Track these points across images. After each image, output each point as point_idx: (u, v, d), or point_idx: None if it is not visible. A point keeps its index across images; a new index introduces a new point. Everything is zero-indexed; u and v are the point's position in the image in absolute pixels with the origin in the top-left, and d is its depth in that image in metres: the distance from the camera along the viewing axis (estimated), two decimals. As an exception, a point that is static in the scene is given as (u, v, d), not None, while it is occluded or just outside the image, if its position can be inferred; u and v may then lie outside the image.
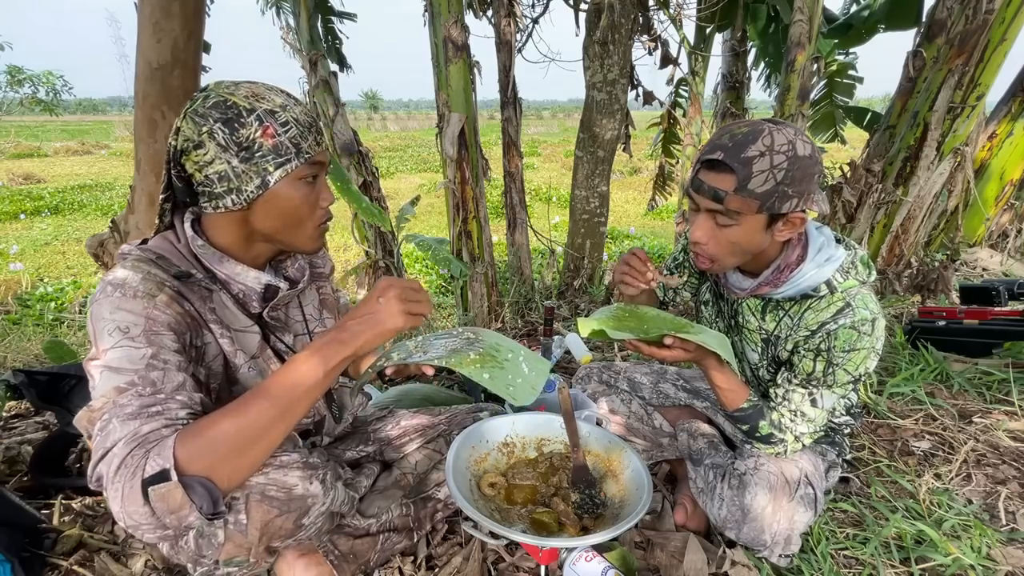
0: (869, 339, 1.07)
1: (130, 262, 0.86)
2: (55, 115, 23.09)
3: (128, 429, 0.69)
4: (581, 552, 1.09)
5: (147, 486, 0.64)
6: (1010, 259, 3.93)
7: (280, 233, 0.93)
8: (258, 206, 0.89)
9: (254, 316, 0.99)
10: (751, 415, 1.18)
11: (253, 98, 0.85)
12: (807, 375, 1.13)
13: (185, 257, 0.92)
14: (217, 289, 0.94)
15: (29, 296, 4.90)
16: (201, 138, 0.83)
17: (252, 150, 0.84)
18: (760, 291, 1.16)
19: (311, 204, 0.92)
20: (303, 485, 0.94)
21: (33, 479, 1.45)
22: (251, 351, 0.98)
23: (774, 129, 0.97)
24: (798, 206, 0.99)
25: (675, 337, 1.05)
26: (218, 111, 0.83)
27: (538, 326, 2.90)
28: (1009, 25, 2.97)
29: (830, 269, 1.09)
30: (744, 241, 1.04)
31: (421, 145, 22.55)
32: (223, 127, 0.83)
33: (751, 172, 0.95)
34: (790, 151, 0.95)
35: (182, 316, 0.85)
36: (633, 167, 13.96)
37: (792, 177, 0.95)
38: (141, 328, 0.78)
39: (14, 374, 1.51)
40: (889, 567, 1.20)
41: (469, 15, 3.35)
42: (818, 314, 1.10)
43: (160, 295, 0.83)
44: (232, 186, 0.85)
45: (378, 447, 1.31)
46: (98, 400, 0.73)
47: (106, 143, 23.30)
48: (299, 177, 0.89)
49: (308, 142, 0.88)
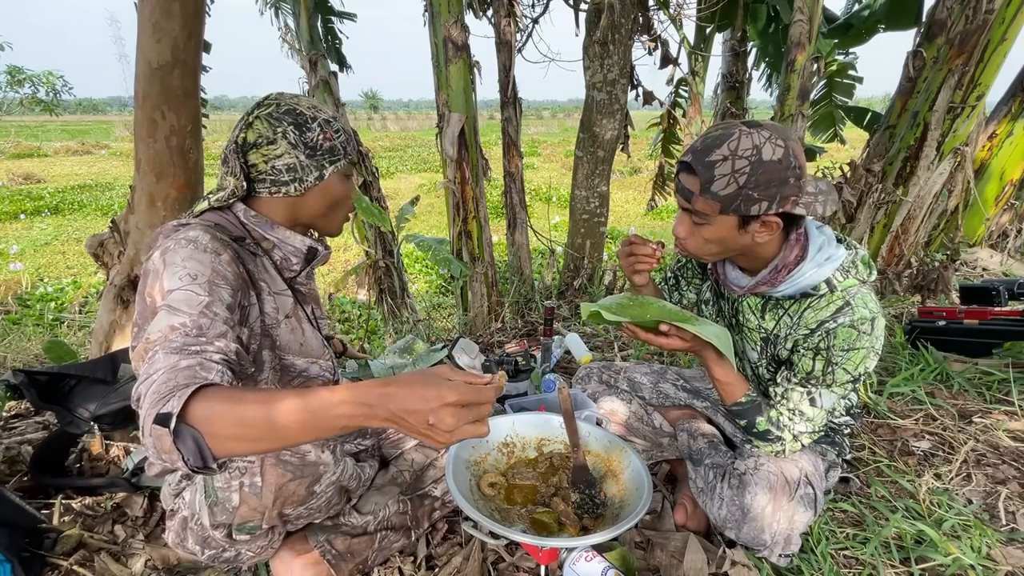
0: (868, 338, 1.07)
1: (198, 225, 0.98)
2: (55, 115, 23.09)
3: (170, 361, 0.76)
4: (581, 552, 1.09)
5: (154, 422, 0.68)
6: (1010, 259, 3.93)
7: (320, 217, 1.12)
8: (312, 194, 1.07)
9: (288, 281, 1.14)
10: (749, 410, 1.19)
11: (314, 109, 1.06)
12: (806, 374, 1.13)
13: (236, 227, 1.06)
14: (261, 255, 1.09)
15: (29, 296, 4.90)
16: (275, 136, 1.01)
17: (316, 149, 1.04)
18: (758, 289, 1.16)
19: (347, 196, 1.13)
20: (316, 452, 1.04)
21: (33, 479, 1.45)
22: (286, 311, 1.12)
23: (744, 133, 0.98)
24: (769, 209, 1.00)
25: (671, 325, 1.07)
26: (291, 116, 1.02)
27: (538, 326, 2.90)
28: (1009, 25, 2.98)
29: (830, 268, 1.09)
30: (718, 239, 1.08)
31: (421, 145, 22.55)
32: (295, 129, 1.02)
33: (713, 175, 0.99)
34: (754, 156, 0.97)
35: (238, 275, 0.96)
36: (633, 167, 13.97)
37: (756, 181, 0.97)
38: (207, 278, 0.88)
39: (14, 374, 1.51)
40: (889, 567, 1.20)
41: (469, 15, 3.35)
42: (817, 313, 1.11)
43: (224, 254, 0.94)
44: (296, 176, 1.04)
45: (375, 441, 1.34)
46: (155, 333, 0.81)
47: (106, 143, 23.31)
48: (344, 174, 1.10)
49: (352, 146, 1.11)
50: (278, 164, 1.03)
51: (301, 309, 1.16)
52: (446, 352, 2.22)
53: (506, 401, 1.70)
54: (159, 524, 1.36)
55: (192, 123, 1.72)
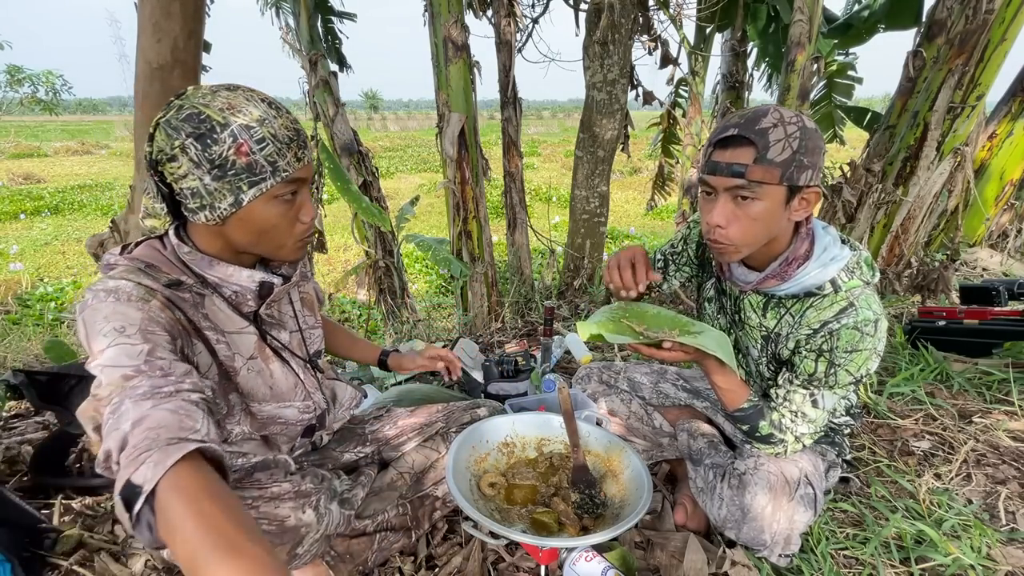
0: (871, 340, 1.06)
1: (119, 272, 0.84)
2: (55, 115, 23.07)
3: (141, 410, 0.66)
4: (581, 552, 1.09)
5: (120, 492, 0.60)
6: (1010, 259, 3.93)
7: (257, 247, 0.92)
8: (232, 222, 0.87)
9: (248, 316, 0.98)
10: (751, 415, 1.18)
11: (229, 111, 0.81)
12: (808, 376, 1.13)
13: (174, 264, 0.90)
14: (209, 293, 0.92)
15: (29, 296, 4.90)
16: (174, 151, 0.81)
17: (225, 168, 0.81)
18: (766, 284, 1.14)
19: (289, 220, 0.90)
20: (295, 516, 0.92)
21: (33, 479, 1.45)
22: (248, 352, 0.97)
23: (778, 107, 1.00)
24: (812, 178, 0.99)
25: (673, 341, 1.06)
26: (191, 124, 0.80)
27: (538, 326, 2.90)
28: (1009, 25, 2.97)
29: (835, 268, 1.09)
30: (765, 218, 1.02)
31: (421, 145, 22.55)
32: (195, 142, 0.80)
33: (769, 141, 0.96)
34: (800, 122, 0.98)
35: (175, 323, 0.83)
36: (633, 167, 13.97)
37: (806, 147, 0.97)
38: (137, 327, 0.76)
39: (14, 374, 1.51)
40: (889, 567, 1.20)
41: (469, 15, 3.35)
42: (820, 312, 1.10)
43: (153, 301, 0.81)
44: (205, 203, 0.83)
45: (376, 447, 1.31)
46: (104, 388, 0.70)
47: (106, 143, 23.32)
48: (275, 195, 0.86)
49: (287, 159, 0.85)
50: (183, 186, 0.82)
51: (268, 347, 1.01)
52: None
53: (506, 401, 1.70)
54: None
55: (192, 123, 1.72)
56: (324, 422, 1.19)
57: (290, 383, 1.05)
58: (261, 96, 0.85)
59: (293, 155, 0.86)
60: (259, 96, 0.85)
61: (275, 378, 1.02)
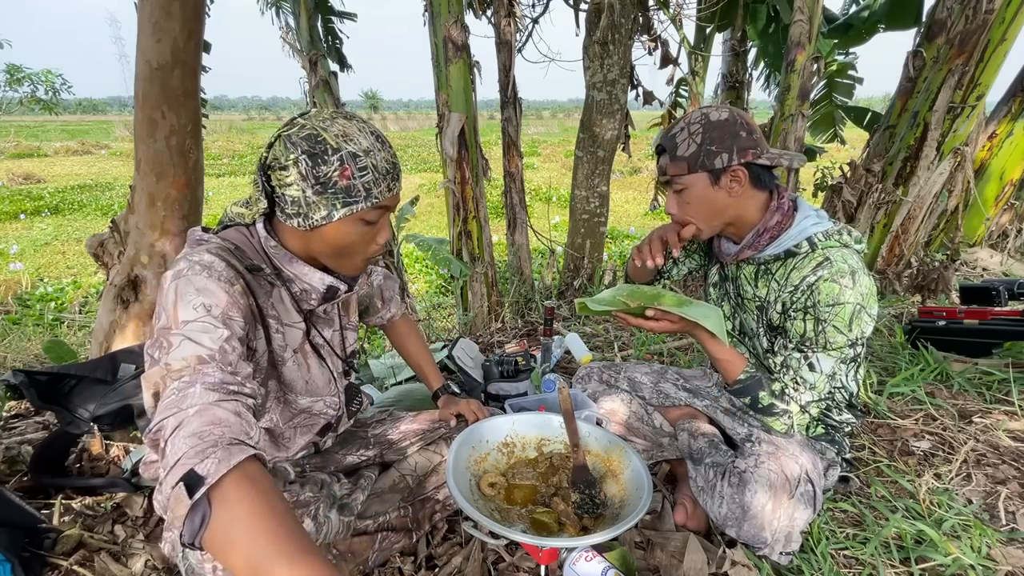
0: (852, 292, 1.10)
1: (213, 247, 0.91)
2: (55, 115, 23.04)
3: (208, 398, 0.71)
4: (581, 552, 1.09)
5: (182, 479, 0.63)
6: (1010, 259, 3.93)
7: (328, 259, 1.01)
8: (318, 232, 0.95)
9: (303, 312, 1.07)
10: (750, 386, 1.23)
11: (342, 138, 0.90)
12: (800, 337, 1.18)
13: (257, 251, 0.99)
14: (279, 285, 1.02)
15: (29, 296, 4.90)
16: (287, 162, 0.90)
17: (327, 186, 0.90)
18: (743, 254, 1.25)
19: (366, 241, 0.99)
20: None
21: (33, 479, 1.45)
22: (294, 345, 1.06)
23: (696, 110, 1.17)
24: (731, 160, 1.13)
25: (657, 309, 1.16)
26: (308, 143, 0.89)
27: (538, 326, 2.90)
28: (1009, 25, 2.98)
29: (813, 228, 1.18)
30: (701, 199, 1.18)
31: (421, 145, 22.54)
32: (308, 159, 0.89)
33: (676, 143, 1.18)
34: (702, 119, 1.15)
35: (248, 309, 0.91)
36: (633, 167, 13.96)
37: (711, 137, 1.13)
38: (221, 310, 0.84)
39: (14, 374, 1.51)
40: (889, 567, 1.20)
41: (469, 15, 3.35)
42: (801, 272, 1.18)
43: (237, 285, 0.89)
44: (301, 211, 0.93)
45: (379, 450, 1.31)
46: (178, 361, 0.75)
47: (106, 143, 23.31)
48: (361, 218, 0.95)
49: (380, 188, 0.94)
50: (286, 192, 0.92)
51: (310, 343, 1.10)
52: (446, 352, 2.22)
53: (506, 401, 1.70)
54: (159, 524, 1.36)
55: (192, 123, 1.72)
56: (337, 425, 1.21)
57: (324, 379, 1.14)
58: (371, 129, 0.95)
59: (386, 185, 0.96)
60: (369, 128, 0.95)
61: (312, 372, 1.11)
